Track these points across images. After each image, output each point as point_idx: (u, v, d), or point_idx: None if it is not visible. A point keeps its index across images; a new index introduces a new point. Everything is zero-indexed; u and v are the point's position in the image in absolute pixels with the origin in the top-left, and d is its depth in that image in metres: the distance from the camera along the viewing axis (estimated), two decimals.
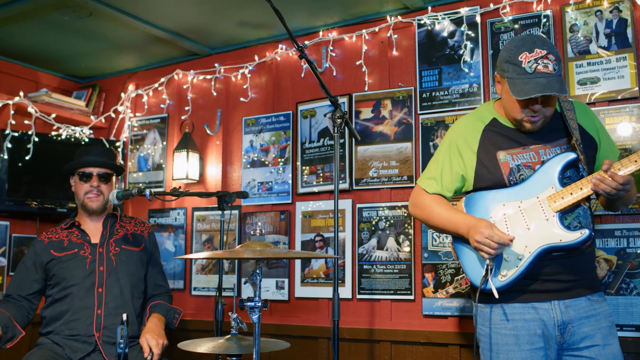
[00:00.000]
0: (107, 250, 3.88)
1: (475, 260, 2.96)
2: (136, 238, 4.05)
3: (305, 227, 4.77)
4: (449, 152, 3.08)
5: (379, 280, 4.43)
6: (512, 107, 2.91)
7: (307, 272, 4.70)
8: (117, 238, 3.98)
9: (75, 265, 3.82)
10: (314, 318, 4.66)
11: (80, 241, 3.91)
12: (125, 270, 3.91)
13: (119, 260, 3.90)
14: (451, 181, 3.07)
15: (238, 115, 5.27)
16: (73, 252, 3.86)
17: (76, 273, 3.80)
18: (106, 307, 3.76)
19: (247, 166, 5.12)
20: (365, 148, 4.59)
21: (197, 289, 5.20)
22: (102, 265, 3.84)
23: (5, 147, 5.24)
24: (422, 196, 3.13)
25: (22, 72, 5.76)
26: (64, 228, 3.99)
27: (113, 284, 3.83)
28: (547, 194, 2.86)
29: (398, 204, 4.44)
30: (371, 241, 4.50)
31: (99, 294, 3.78)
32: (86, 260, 3.83)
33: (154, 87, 5.70)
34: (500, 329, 2.87)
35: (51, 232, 4.01)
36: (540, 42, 2.80)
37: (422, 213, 3.12)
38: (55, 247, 3.89)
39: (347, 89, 4.76)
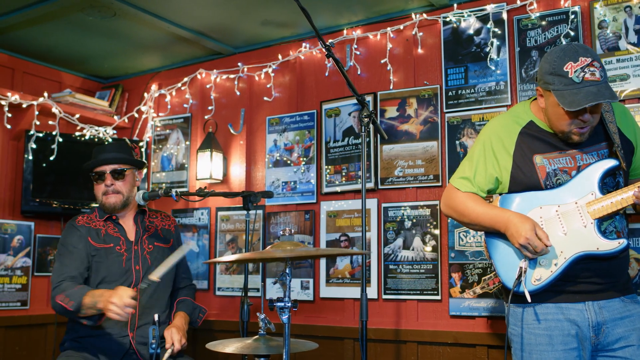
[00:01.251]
0: (141, 248, 3.89)
1: (508, 259, 2.94)
2: (165, 233, 4.07)
3: (330, 227, 4.78)
4: (484, 153, 3.06)
5: (405, 280, 4.43)
6: (560, 120, 2.85)
7: (332, 272, 4.71)
8: (150, 235, 3.98)
9: (112, 261, 3.82)
10: (339, 318, 4.67)
11: (117, 235, 3.89)
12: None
13: (154, 258, 3.90)
14: (485, 182, 3.05)
15: (262, 114, 5.30)
16: (109, 246, 3.86)
17: (112, 269, 3.81)
18: (140, 307, 3.78)
19: (271, 166, 5.14)
20: (391, 147, 4.60)
21: (221, 289, 5.23)
22: (138, 264, 3.86)
23: (29, 148, 5.30)
24: (455, 194, 3.11)
25: (46, 72, 5.83)
26: (98, 218, 3.96)
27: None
28: (586, 200, 2.84)
29: (424, 203, 4.44)
30: (397, 241, 4.50)
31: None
32: (122, 258, 3.83)
33: (177, 87, 5.74)
34: (533, 329, 2.87)
35: (87, 218, 3.96)
36: (582, 50, 2.76)
37: (455, 210, 3.10)
38: (93, 236, 3.88)
39: (371, 88, 4.77)
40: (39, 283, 5.52)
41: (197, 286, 5.30)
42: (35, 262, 5.48)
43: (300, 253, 2.58)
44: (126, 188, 3.90)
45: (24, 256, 5.41)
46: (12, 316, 5.27)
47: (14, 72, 5.58)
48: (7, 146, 5.42)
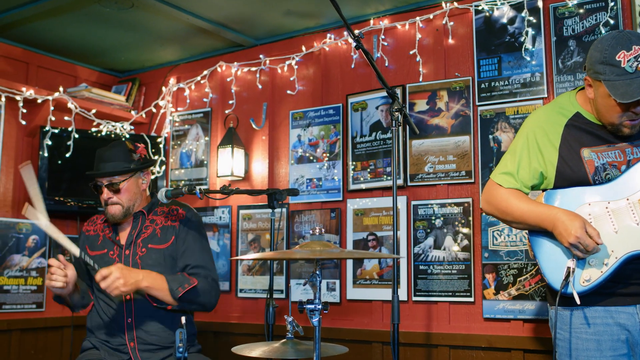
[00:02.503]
0: (133, 253, 3.78)
1: (555, 259, 2.90)
2: (165, 232, 3.84)
3: (357, 226, 4.78)
4: (528, 147, 3.01)
5: (436, 282, 4.42)
6: (610, 111, 2.81)
7: (360, 273, 4.71)
8: (145, 237, 3.83)
9: (104, 267, 3.68)
10: (367, 321, 4.67)
11: (111, 240, 3.85)
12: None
13: (145, 263, 3.75)
14: (529, 178, 3.01)
15: (285, 108, 5.30)
16: (102, 252, 3.82)
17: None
18: (136, 315, 3.69)
19: (294, 162, 5.14)
20: (421, 142, 4.58)
21: (243, 291, 5.24)
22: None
23: (45, 145, 5.33)
24: (496, 190, 3.06)
25: (61, 66, 5.86)
26: (102, 220, 3.96)
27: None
28: (638, 197, 2.80)
29: (455, 200, 4.43)
30: (427, 240, 4.49)
31: (127, 302, 3.70)
32: (113, 264, 3.67)
33: (196, 81, 5.75)
34: (581, 333, 2.83)
35: (91, 223, 3.99)
36: (636, 38, 2.70)
37: (498, 208, 3.05)
38: (91, 243, 3.89)
39: (400, 80, 4.75)
40: None
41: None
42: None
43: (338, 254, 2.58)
44: (126, 198, 3.78)
45: (39, 257, 5.45)
46: (28, 319, 5.31)
47: (29, 67, 5.62)
48: (22, 143, 5.46)
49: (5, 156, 5.34)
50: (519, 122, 4.26)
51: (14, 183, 5.38)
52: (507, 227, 4.19)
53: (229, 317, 5.26)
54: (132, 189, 3.82)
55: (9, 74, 5.44)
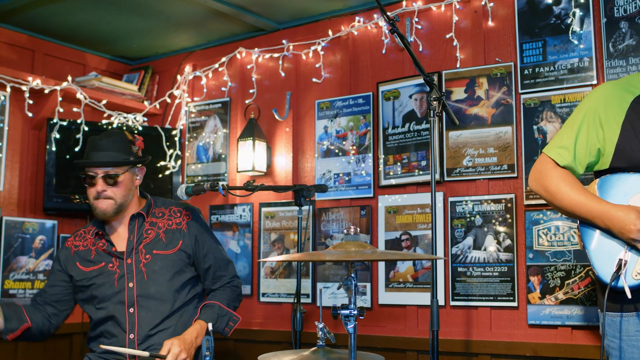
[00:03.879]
0: (136, 261, 3.72)
1: (606, 250, 2.89)
2: (171, 235, 3.81)
3: (389, 224, 4.78)
4: (587, 120, 3.00)
5: (476, 285, 4.42)
6: None
7: (393, 276, 4.71)
8: (147, 242, 3.78)
9: (103, 282, 3.71)
10: (400, 328, 4.68)
11: (107, 252, 3.75)
12: (160, 281, 3.73)
13: (151, 270, 3.71)
14: (586, 153, 2.99)
15: (310, 98, 5.31)
16: (100, 266, 3.74)
17: (105, 291, 3.70)
18: (140, 330, 3.65)
19: (321, 156, 5.16)
20: (458, 133, 4.58)
21: (266, 295, 5.26)
22: (132, 280, 3.70)
23: (52, 138, 5.38)
24: (548, 170, 3.05)
25: (69, 54, 5.91)
26: (91, 234, 3.84)
27: (145, 300, 3.69)
28: None
29: (497, 197, 4.42)
30: (466, 240, 4.49)
31: (131, 316, 3.66)
32: (114, 276, 3.70)
33: (213, 68, 5.77)
34: (635, 341, 2.82)
35: (79, 238, 3.88)
36: None
37: (547, 190, 3.03)
38: (82, 259, 3.79)
39: (435, 66, 4.75)
40: None
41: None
42: None
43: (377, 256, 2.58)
44: (120, 193, 3.71)
45: (46, 258, 5.50)
46: None
47: (34, 54, 5.67)
48: (28, 136, 5.52)
49: (10, 150, 5.39)
50: (565, 112, 4.24)
51: (19, 180, 5.43)
52: (555, 226, 4.18)
53: (250, 324, 5.29)
54: (127, 184, 3.76)
55: (14, 62, 5.50)
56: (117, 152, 3.72)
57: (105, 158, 3.68)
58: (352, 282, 2.68)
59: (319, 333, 2.91)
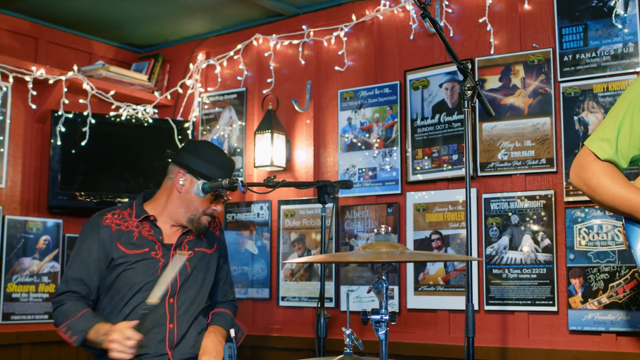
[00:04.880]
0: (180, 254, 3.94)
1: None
2: (209, 237, 4.10)
3: (418, 223, 4.78)
4: (631, 110, 2.99)
5: (513, 288, 4.41)
6: None
7: (422, 279, 4.71)
8: (191, 239, 4.02)
9: (146, 268, 3.85)
10: (431, 334, 4.67)
11: (152, 238, 3.91)
12: (200, 278, 3.98)
13: (193, 265, 3.96)
14: (629, 146, 2.99)
15: (332, 87, 5.31)
16: (143, 251, 3.88)
17: (145, 278, 3.83)
18: (178, 320, 3.83)
19: (344, 149, 5.15)
20: (493, 125, 4.56)
21: (286, 299, 5.27)
22: (175, 272, 3.88)
23: (57, 131, 5.40)
24: (589, 163, 3.04)
25: (74, 41, 5.94)
26: (134, 217, 3.97)
27: (185, 293, 3.90)
28: None
29: (535, 193, 4.41)
30: (502, 239, 4.48)
31: (170, 305, 3.84)
32: (158, 264, 3.86)
33: (228, 56, 5.78)
34: None
35: (119, 217, 3.97)
36: None
37: (587, 185, 3.03)
38: (124, 241, 3.88)
39: (467, 53, 4.74)
40: None
41: (256, 295, 5.36)
42: (64, 267, 5.59)
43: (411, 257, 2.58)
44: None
45: (51, 260, 5.53)
46: (39, 331, 5.38)
47: (38, 42, 5.70)
48: (31, 129, 5.55)
49: (13, 145, 5.42)
50: (609, 101, 4.22)
51: (22, 176, 5.46)
52: (597, 224, 4.17)
53: (269, 329, 5.30)
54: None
55: (16, 51, 5.52)
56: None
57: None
58: (384, 285, 2.69)
59: (346, 340, 2.92)
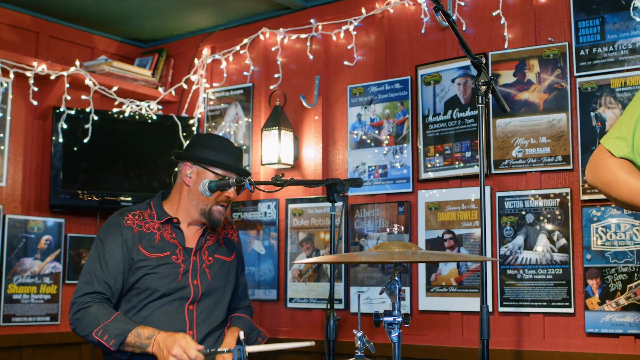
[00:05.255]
0: (200, 260, 3.95)
1: None
2: (227, 244, 4.14)
3: (430, 222, 4.78)
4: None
5: (528, 289, 4.40)
6: None
7: (434, 279, 4.71)
8: (210, 244, 4.06)
9: (166, 273, 3.86)
10: (443, 337, 4.67)
11: (174, 242, 3.94)
12: (220, 285, 4.02)
13: (213, 273, 3.99)
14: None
15: (341, 83, 5.31)
16: (164, 254, 3.90)
17: (165, 283, 3.85)
18: (198, 327, 3.86)
19: (354, 147, 5.16)
20: (507, 121, 4.56)
21: (293, 301, 5.27)
22: (196, 278, 3.92)
23: (59, 128, 5.41)
24: (604, 160, 3.04)
25: (76, 36, 5.95)
26: (155, 219, 3.97)
27: (205, 301, 3.94)
28: None
29: (550, 191, 4.40)
30: (516, 239, 4.47)
31: (190, 312, 3.88)
32: (179, 270, 3.88)
33: (234, 51, 5.79)
34: None
35: (139, 218, 3.97)
36: None
37: (603, 181, 3.03)
38: (146, 243, 3.90)
39: (480, 47, 4.73)
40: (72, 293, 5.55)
41: (263, 296, 5.36)
42: (66, 268, 5.61)
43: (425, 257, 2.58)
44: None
45: (53, 260, 5.54)
46: (40, 333, 5.40)
47: (39, 37, 5.70)
48: (32, 126, 5.56)
49: (13, 142, 5.43)
50: (627, 97, 4.21)
51: (23, 174, 5.47)
52: (614, 223, 4.16)
53: (276, 331, 5.30)
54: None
55: (17, 46, 5.53)
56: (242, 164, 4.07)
57: (245, 171, 3.98)
58: (396, 286, 2.69)
59: (358, 342, 2.92)
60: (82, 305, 3.74)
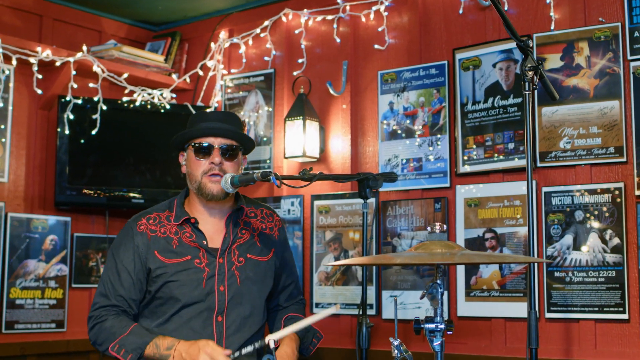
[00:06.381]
0: (228, 262, 3.82)
1: None
2: (265, 241, 3.98)
3: (470, 220, 4.77)
4: None
5: (578, 293, 4.39)
6: None
7: (475, 282, 4.70)
8: (241, 243, 3.91)
9: (188, 280, 3.77)
10: (485, 345, 4.67)
11: (195, 245, 3.82)
12: (253, 291, 3.88)
13: (245, 276, 3.84)
14: None
15: (372, 68, 5.31)
16: (185, 259, 3.79)
17: (188, 292, 3.76)
18: (227, 341, 3.76)
19: (385, 138, 5.16)
20: (554, 109, 4.54)
21: (320, 306, 5.28)
22: (223, 283, 3.79)
23: (65, 119, 5.43)
24: None
25: (82, 19, 5.98)
26: (172, 221, 3.89)
27: (236, 309, 3.81)
28: None
29: (602, 186, 4.38)
30: (564, 238, 4.46)
31: (219, 324, 3.77)
32: (202, 275, 3.77)
33: (254, 34, 5.79)
34: None
35: (154, 221, 3.89)
36: None
37: None
38: (161, 247, 3.81)
39: (524, 29, 4.71)
40: (79, 297, 5.67)
41: None
42: (73, 270, 5.63)
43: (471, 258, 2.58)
44: (233, 172, 3.80)
45: (58, 262, 5.57)
46: (46, 341, 5.43)
47: (43, 20, 5.73)
48: (36, 117, 5.59)
49: (16, 134, 5.46)
50: None
51: (26, 169, 5.50)
52: None
53: None
54: (238, 165, 3.88)
55: (19, 30, 5.56)
56: (235, 126, 3.87)
57: (227, 127, 3.82)
58: (438, 290, 2.68)
59: (395, 351, 2.92)
60: (98, 319, 3.73)
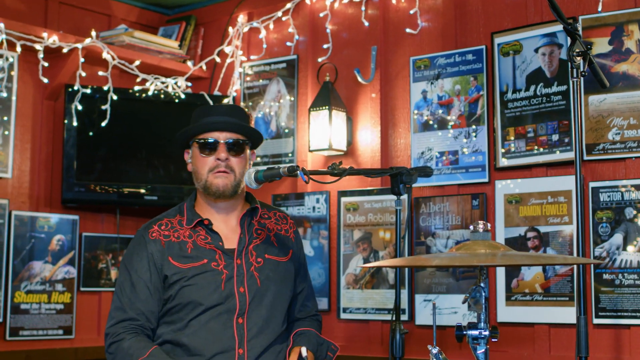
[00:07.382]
0: (246, 262, 3.86)
1: None
2: (282, 241, 4.03)
3: (510, 218, 4.77)
4: None
5: (629, 297, 4.38)
6: None
7: (516, 285, 4.69)
8: (258, 243, 3.95)
9: (206, 283, 3.79)
10: (527, 353, 4.66)
11: (211, 247, 3.85)
12: (273, 291, 3.89)
13: (264, 276, 3.87)
14: None
15: (403, 54, 5.31)
16: (201, 263, 3.81)
17: (209, 295, 3.78)
18: (249, 345, 3.77)
19: (418, 129, 5.16)
20: (601, 98, 4.53)
21: (348, 311, 5.28)
22: (243, 284, 3.82)
23: (73, 110, 5.45)
24: None
25: (89, 2, 6.00)
26: (184, 224, 3.92)
27: (257, 311, 3.83)
28: None
29: None
30: (614, 238, 4.45)
31: (239, 326, 3.78)
32: (220, 277, 3.79)
33: (276, 17, 5.80)
34: None
35: (167, 227, 3.92)
36: None
37: None
38: (175, 253, 3.84)
39: (569, 11, 4.69)
40: (88, 302, 5.69)
41: None
42: (81, 273, 5.65)
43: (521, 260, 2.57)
44: (241, 168, 3.84)
45: (66, 264, 5.59)
46: (53, 349, 5.46)
47: (48, 4, 5.76)
48: (41, 108, 5.61)
49: (20, 127, 5.48)
50: None
51: (31, 164, 5.53)
52: None
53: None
54: (245, 162, 3.92)
55: (23, 14, 5.58)
56: (240, 120, 3.90)
57: (232, 122, 3.85)
58: (482, 293, 2.68)
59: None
60: (115, 337, 3.74)
